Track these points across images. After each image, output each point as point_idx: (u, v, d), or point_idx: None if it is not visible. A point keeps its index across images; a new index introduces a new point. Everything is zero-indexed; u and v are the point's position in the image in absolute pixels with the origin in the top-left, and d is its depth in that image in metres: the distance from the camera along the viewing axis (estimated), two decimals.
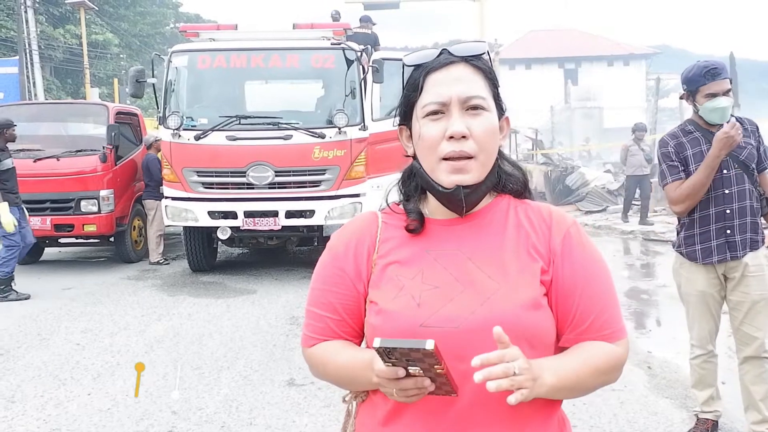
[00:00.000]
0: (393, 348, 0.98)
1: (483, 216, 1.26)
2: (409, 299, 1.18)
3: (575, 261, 1.22)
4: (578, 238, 1.25)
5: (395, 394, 1.07)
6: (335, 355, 1.25)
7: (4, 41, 23.48)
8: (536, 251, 1.22)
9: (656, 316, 6.50)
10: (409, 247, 1.26)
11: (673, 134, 3.28)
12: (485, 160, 1.20)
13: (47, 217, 8.71)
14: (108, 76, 29.69)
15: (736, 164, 3.13)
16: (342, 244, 1.31)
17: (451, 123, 1.18)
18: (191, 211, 7.84)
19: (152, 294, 7.46)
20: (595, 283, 1.22)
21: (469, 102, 1.19)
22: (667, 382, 4.37)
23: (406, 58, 1.28)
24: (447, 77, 1.21)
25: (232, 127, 7.72)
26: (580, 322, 1.20)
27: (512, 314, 1.15)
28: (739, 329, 3.25)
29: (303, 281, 7.96)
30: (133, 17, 33.39)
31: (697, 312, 3.32)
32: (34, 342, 5.57)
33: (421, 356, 0.98)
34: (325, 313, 1.28)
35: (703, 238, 3.20)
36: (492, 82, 1.24)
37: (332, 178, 7.78)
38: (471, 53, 1.23)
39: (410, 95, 1.25)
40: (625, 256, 9.80)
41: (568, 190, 16.67)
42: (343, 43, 7.99)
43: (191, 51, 8.13)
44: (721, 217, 3.15)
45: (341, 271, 1.28)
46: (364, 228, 1.32)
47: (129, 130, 10.03)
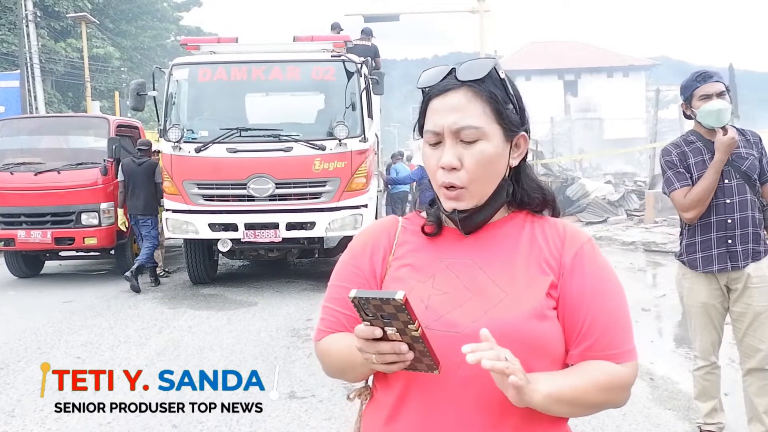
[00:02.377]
0: (366, 298, 1.00)
1: (497, 229, 1.27)
2: (417, 301, 1.19)
3: (585, 277, 1.22)
4: (591, 255, 1.24)
5: (375, 361, 1.07)
6: (337, 343, 1.27)
7: (5, 55, 23.58)
8: (548, 265, 1.23)
9: (658, 327, 6.48)
10: (424, 252, 1.28)
11: (675, 144, 3.29)
12: (478, 188, 1.21)
13: (48, 230, 8.71)
14: (109, 89, 29.78)
15: (737, 174, 3.12)
16: (360, 244, 1.35)
17: (443, 154, 1.20)
18: (192, 224, 7.84)
19: (153, 307, 7.44)
20: (604, 301, 1.21)
21: (460, 133, 1.19)
22: (670, 394, 4.35)
23: (420, 78, 1.28)
24: (443, 105, 1.21)
25: (232, 139, 7.74)
26: (586, 337, 1.19)
27: (515, 323, 1.15)
28: (742, 341, 3.23)
29: (304, 293, 7.95)
30: (134, 31, 33.58)
31: (700, 323, 3.30)
32: (35, 356, 5.55)
33: (393, 310, 0.99)
34: (337, 308, 1.30)
35: (704, 246, 3.19)
36: (495, 104, 1.21)
37: (333, 190, 7.79)
38: (471, 77, 1.21)
39: (420, 118, 1.28)
40: (625, 266, 9.77)
41: (568, 201, 16.70)
42: (343, 55, 8.02)
43: (192, 64, 8.17)
44: (722, 226, 3.14)
45: (356, 269, 1.31)
46: (383, 230, 1.35)
47: (130, 142, 10.05)
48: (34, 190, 8.66)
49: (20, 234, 8.70)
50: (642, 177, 20.90)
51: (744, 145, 3.14)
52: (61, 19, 25.79)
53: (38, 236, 8.65)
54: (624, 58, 45.13)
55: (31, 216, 8.76)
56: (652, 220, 13.75)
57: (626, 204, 16.10)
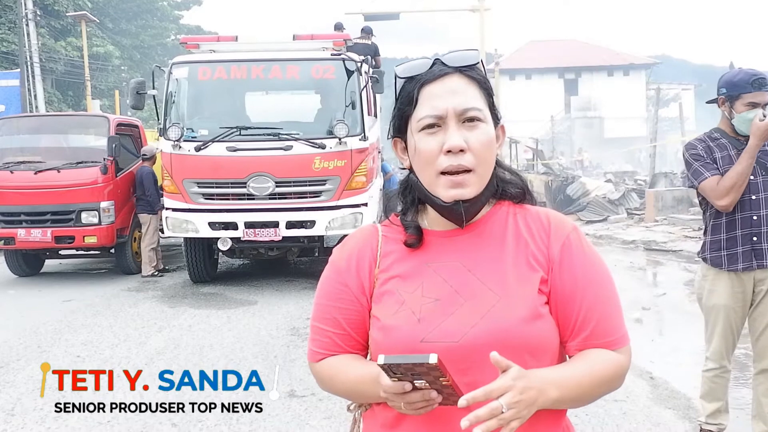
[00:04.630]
0: (397, 364, 0.99)
1: (482, 225, 1.25)
2: (409, 314, 1.18)
3: (575, 268, 1.21)
4: (578, 244, 1.24)
5: (403, 408, 1.07)
6: (343, 371, 1.25)
7: (5, 54, 23.56)
8: (536, 260, 1.21)
9: (658, 326, 6.47)
10: (410, 260, 1.25)
11: (700, 139, 3.21)
12: (483, 172, 1.20)
13: (48, 229, 8.71)
14: (109, 88, 29.79)
15: (763, 171, 3.05)
16: (344, 259, 1.30)
17: (448, 136, 1.17)
18: (192, 222, 7.84)
19: (153, 305, 7.44)
20: (596, 289, 1.21)
21: (465, 114, 1.18)
22: (670, 393, 4.34)
23: (399, 70, 1.25)
24: (442, 89, 1.19)
25: (232, 138, 7.73)
26: (582, 328, 1.19)
27: (512, 327, 1.14)
28: (758, 340, 3.18)
29: (304, 292, 7.94)
30: (134, 29, 33.55)
31: (718, 326, 3.21)
32: (34, 354, 5.55)
33: (426, 370, 0.99)
34: (329, 328, 1.28)
35: (729, 243, 3.10)
36: (487, 91, 1.22)
37: (333, 189, 7.78)
38: (465, 63, 1.21)
39: (404, 108, 1.23)
40: (626, 265, 9.77)
41: (569, 200, 16.71)
42: (343, 54, 8.01)
43: (192, 63, 8.15)
44: (747, 223, 3.05)
45: (344, 286, 1.28)
46: (364, 242, 1.31)
47: (130, 141, 10.05)
48: (34, 189, 8.66)
49: (20, 233, 8.69)
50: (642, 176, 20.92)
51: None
52: (61, 17, 25.78)
53: (38, 235, 8.65)
54: (624, 57, 45.12)
55: (31, 215, 8.76)
56: (653, 218, 13.74)
57: (627, 203, 16.10)
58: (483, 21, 20.16)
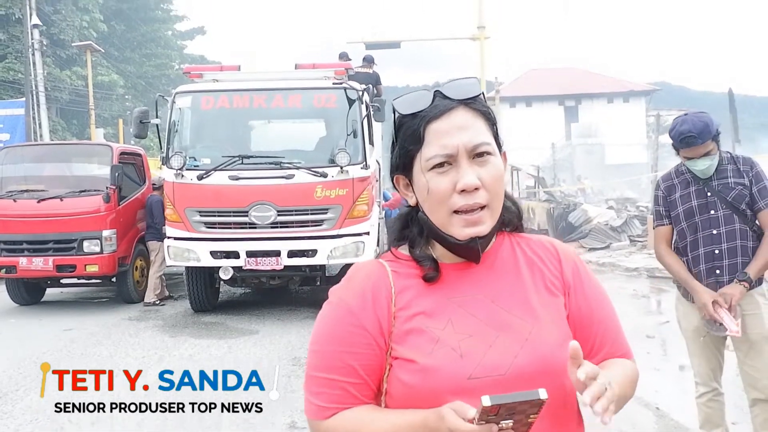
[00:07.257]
0: (506, 403, 0.94)
1: (493, 256, 1.24)
2: (449, 351, 1.13)
3: (586, 290, 1.26)
4: (584, 269, 1.29)
5: None
6: (370, 425, 1.13)
7: (11, 83, 23.80)
8: (554, 286, 1.24)
9: (663, 355, 6.41)
10: (430, 296, 1.19)
11: (666, 176, 3.37)
12: (496, 206, 1.18)
13: (50, 258, 8.70)
14: (113, 116, 30.02)
15: (723, 205, 3.13)
16: (355, 298, 1.19)
17: (461, 175, 1.13)
18: (193, 251, 7.83)
19: (153, 335, 7.39)
20: (605, 310, 1.27)
21: (476, 150, 1.14)
22: (676, 423, 4.29)
23: (398, 105, 1.20)
24: (449, 125, 1.15)
25: (234, 166, 7.76)
26: (603, 345, 1.24)
27: (551, 353, 1.14)
28: (742, 369, 3.23)
29: (306, 321, 7.90)
30: (138, 59, 33.95)
31: (697, 348, 3.31)
32: (33, 384, 5.49)
33: (527, 407, 0.96)
34: (342, 378, 1.16)
35: (694, 277, 3.20)
36: (491, 122, 1.20)
37: (335, 217, 7.78)
38: (468, 95, 1.17)
39: (410, 147, 1.18)
40: (629, 293, 9.72)
41: (571, 227, 16.68)
42: (344, 83, 8.07)
43: (195, 92, 8.22)
44: (710, 257, 3.16)
45: (360, 328, 1.16)
46: (374, 278, 1.21)
47: (133, 170, 10.08)
48: (36, 218, 8.68)
49: (22, 261, 8.69)
50: (644, 202, 20.91)
51: (733, 175, 3.15)
52: (67, 47, 26.10)
53: (40, 263, 8.64)
54: (624, 84, 45.43)
55: (34, 243, 8.76)
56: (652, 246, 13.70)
57: (629, 230, 16.07)
58: (483, 49, 20.32)
